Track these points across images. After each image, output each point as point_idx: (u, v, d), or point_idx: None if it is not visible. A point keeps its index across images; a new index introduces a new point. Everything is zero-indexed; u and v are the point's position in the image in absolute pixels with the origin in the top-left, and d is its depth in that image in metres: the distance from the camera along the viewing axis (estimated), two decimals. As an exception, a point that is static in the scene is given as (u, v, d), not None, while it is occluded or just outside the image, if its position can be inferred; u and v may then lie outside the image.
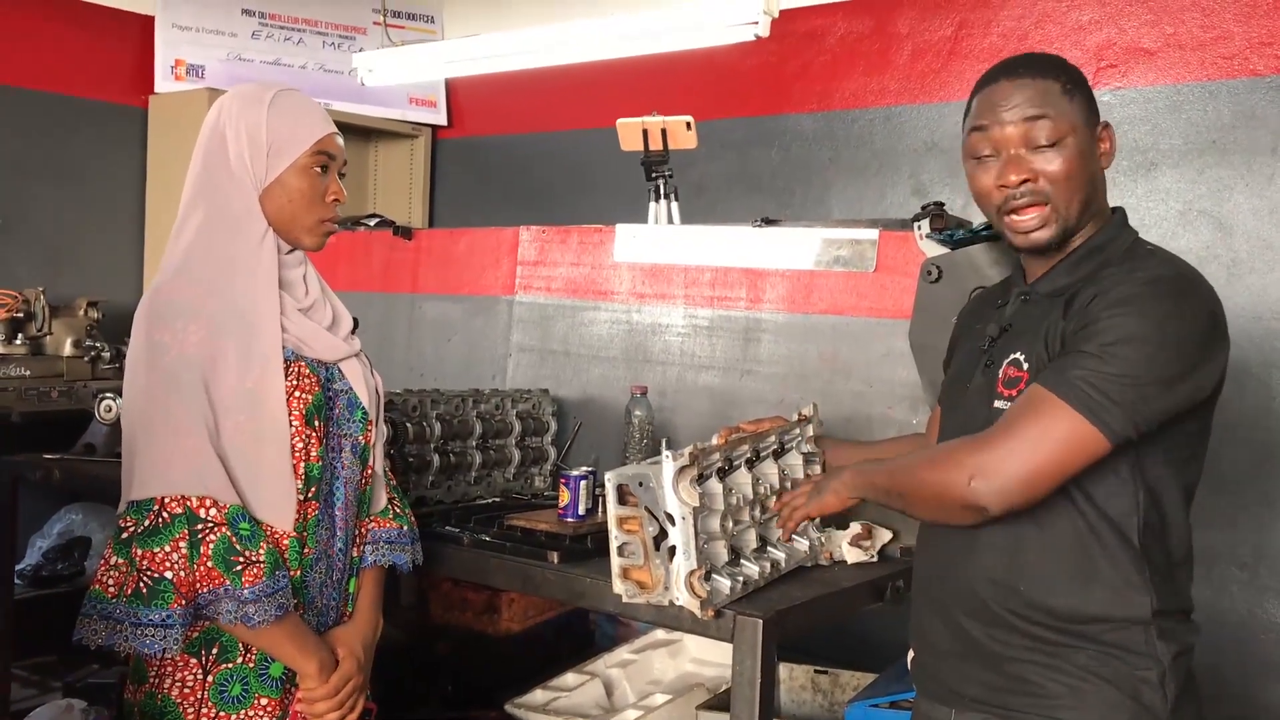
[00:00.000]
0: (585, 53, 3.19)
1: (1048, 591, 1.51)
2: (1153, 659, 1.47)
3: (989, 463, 1.45)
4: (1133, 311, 1.42)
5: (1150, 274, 1.48)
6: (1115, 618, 1.48)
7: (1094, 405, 1.39)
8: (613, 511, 1.83)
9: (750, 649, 1.80)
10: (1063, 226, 1.57)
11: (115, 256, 4.41)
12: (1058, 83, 1.58)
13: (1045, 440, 1.41)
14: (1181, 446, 1.50)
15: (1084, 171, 1.57)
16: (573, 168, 4.45)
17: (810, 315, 2.63)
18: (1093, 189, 1.59)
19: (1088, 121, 1.58)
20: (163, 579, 1.60)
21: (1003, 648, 1.54)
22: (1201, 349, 1.44)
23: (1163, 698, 1.46)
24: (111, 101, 4.38)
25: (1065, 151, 1.56)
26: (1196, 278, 1.51)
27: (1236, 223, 3.09)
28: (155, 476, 1.64)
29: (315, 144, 1.78)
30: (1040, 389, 1.44)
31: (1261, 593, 3.00)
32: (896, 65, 3.71)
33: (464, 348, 3.28)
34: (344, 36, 4.85)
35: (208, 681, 1.69)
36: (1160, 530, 1.50)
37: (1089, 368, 1.41)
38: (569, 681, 2.79)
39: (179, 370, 1.66)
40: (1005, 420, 1.47)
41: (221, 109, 1.79)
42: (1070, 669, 1.49)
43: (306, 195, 1.78)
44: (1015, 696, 1.53)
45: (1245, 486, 3.03)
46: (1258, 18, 3.07)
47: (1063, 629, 1.50)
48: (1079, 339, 1.45)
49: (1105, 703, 1.47)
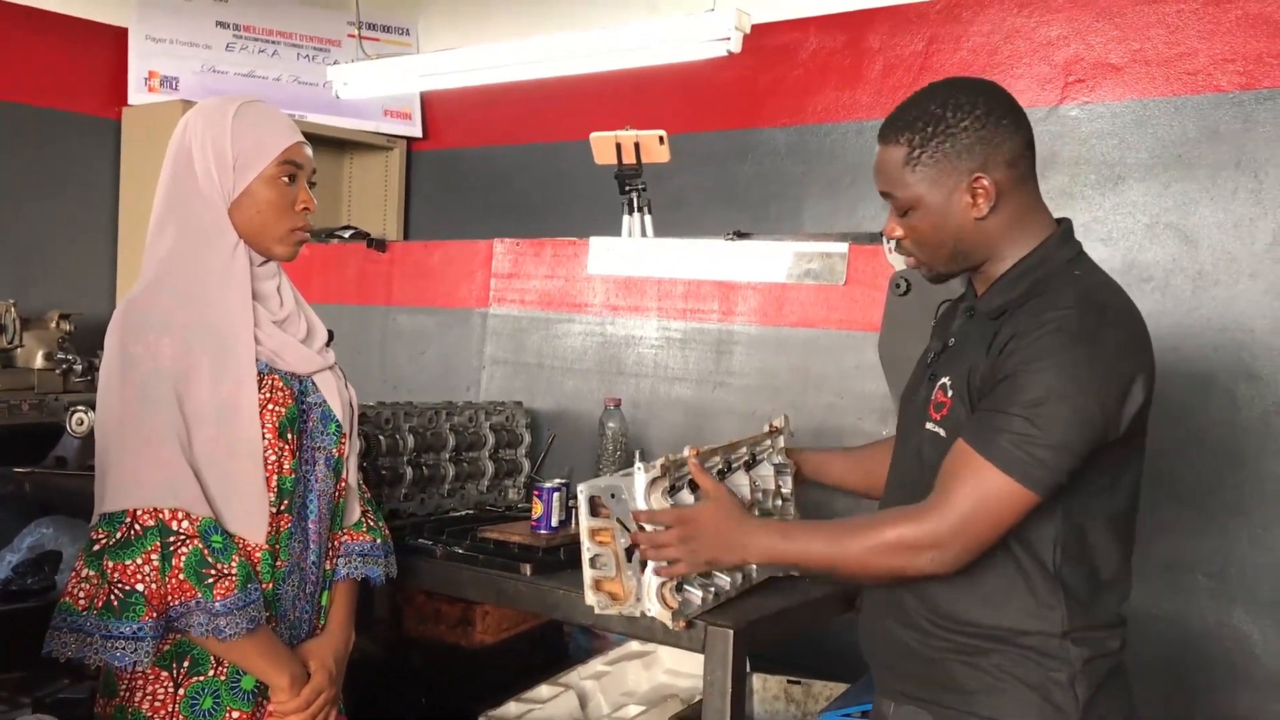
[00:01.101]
0: (559, 67, 3.21)
1: (965, 609, 1.58)
2: (1064, 662, 1.54)
3: (939, 538, 1.51)
4: (1049, 365, 1.46)
5: (1060, 318, 1.49)
6: (1030, 631, 1.54)
7: (1024, 468, 1.46)
8: (585, 523, 1.84)
9: (721, 660, 1.82)
10: (940, 273, 1.66)
11: (88, 269, 4.39)
12: (904, 149, 1.60)
13: (984, 506, 1.48)
14: (1103, 475, 1.54)
15: (940, 232, 1.61)
16: (548, 180, 4.46)
17: (782, 328, 2.65)
18: (967, 239, 1.61)
19: (943, 184, 1.58)
20: (134, 591, 1.60)
21: (929, 650, 1.62)
22: (1118, 387, 1.49)
23: (1073, 698, 1.53)
24: (85, 113, 4.37)
25: (915, 219, 1.62)
26: (1106, 308, 1.54)
27: (1202, 236, 3.13)
28: (127, 488, 1.64)
29: (281, 154, 1.79)
30: (972, 453, 1.49)
31: (1229, 601, 3.04)
32: (868, 80, 3.75)
33: (438, 360, 3.28)
34: (318, 49, 4.85)
35: (179, 695, 1.69)
36: (1080, 555, 1.55)
37: (1015, 430, 1.46)
38: (543, 693, 2.79)
39: (152, 383, 1.66)
40: (943, 488, 1.52)
41: (187, 125, 1.80)
42: (988, 668, 1.56)
43: (276, 205, 1.79)
44: (942, 692, 1.61)
45: (1212, 496, 3.07)
46: (1220, 35, 3.12)
47: (980, 634, 1.57)
48: (1000, 393, 1.49)
49: (1019, 701, 1.54)
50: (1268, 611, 2.99)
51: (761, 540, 1.69)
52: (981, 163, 1.57)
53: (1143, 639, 3.10)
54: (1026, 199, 1.62)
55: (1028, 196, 1.62)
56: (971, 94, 1.60)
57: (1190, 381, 3.11)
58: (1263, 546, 3.00)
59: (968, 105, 1.58)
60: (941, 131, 1.58)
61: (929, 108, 1.59)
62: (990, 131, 1.57)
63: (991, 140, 1.57)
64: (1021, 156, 1.60)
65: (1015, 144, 1.59)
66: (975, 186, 1.58)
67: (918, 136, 1.59)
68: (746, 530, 1.71)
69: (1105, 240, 3.27)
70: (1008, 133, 1.58)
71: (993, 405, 1.50)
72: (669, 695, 2.81)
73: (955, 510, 1.49)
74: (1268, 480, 3.00)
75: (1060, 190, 3.35)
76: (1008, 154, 1.58)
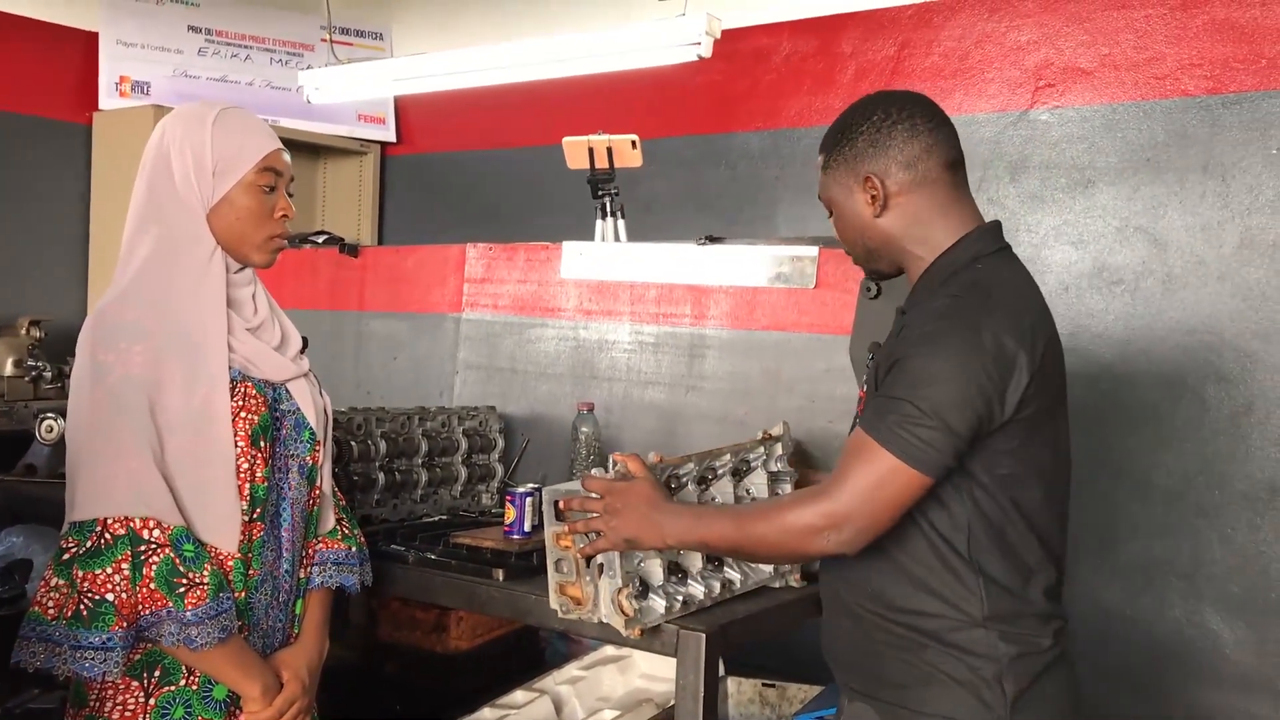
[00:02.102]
0: (533, 71, 3.20)
1: (896, 595, 1.63)
2: (990, 659, 1.57)
3: (835, 519, 1.56)
4: (931, 350, 1.54)
5: (944, 305, 1.59)
6: (950, 617, 1.59)
7: (911, 450, 1.52)
8: (549, 528, 1.85)
9: (694, 664, 1.82)
10: (868, 269, 1.80)
11: (59, 275, 4.35)
12: (822, 155, 1.74)
13: (878, 488, 1.54)
14: (1003, 465, 1.58)
15: (850, 231, 1.74)
16: (522, 185, 4.46)
17: (753, 331, 2.66)
18: (871, 237, 1.71)
19: (845, 185, 1.71)
20: (104, 601, 1.59)
21: (869, 644, 1.67)
22: (999, 370, 1.53)
23: (1000, 694, 1.56)
24: (55, 119, 4.34)
25: (835, 221, 1.76)
26: (990, 295, 1.59)
27: (1171, 239, 3.16)
28: (98, 497, 1.63)
29: (261, 161, 1.78)
30: (864, 436, 1.56)
31: (1199, 601, 3.07)
32: (841, 84, 3.76)
33: (411, 365, 3.27)
34: (291, 53, 4.83)
35: (149, 705, 1.68)
36: (995, 543, 1.59)
37: (902, 413, 1.53)
38: (518, 699, 2.78)
39: (123, 391, 1.65)
40: (839, 470, 1.59)
41: (165, 130, 1.79)
42: (921, 664, 1.61)
43: (255, 213, 1.78)
44: (883, 688, 1.66)
45: (1181, 497, 3.10)
46: (1188, 40, 3.15)
47: (910, 625, 1.61)
48: (892, 378, 1.57)
49: (950, 697, 1.58)
50: (1237, 611, 3.02)
51: (677, 522, 1.72)
52: (873, 165, 1.67)
53: (1113, 639, 3.16)
54: (933, 200, 1.68)
55: (935, 198, 1.68)
56: (876, 103, 1.71)
57: (1160, 383, 3.14)
58: (1232, 547, 3.03)
59: (868, 113, 1.69)
60: (844, 138, 1.70)
61: (844, 118, 1.73)
62: (884, 135, 1.66)
63: (883, 143, 1.66)
64: (920, 160, 1.66)
65: (913, 147, 1.66)
66: (869, 187, 1.68)
67: (830, 143, 1.73)
68: (665, 511, 1.73)
69: (1076, 244, 3.29)
70: (902, 137, 1.66)
71: (884, 391, 1.58)
72: (644, 700, 2.81)
73: (849, 491, 1.55)
74: (1237, 481, 3.02)
75: (1031, 194, 3.37)
76: (901, 157, 1.66)
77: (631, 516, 1.72)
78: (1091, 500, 3.16)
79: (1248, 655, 3.00)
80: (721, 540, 1.69)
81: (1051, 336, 1.63)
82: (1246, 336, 3.02)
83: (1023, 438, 1.57)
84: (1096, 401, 3.21)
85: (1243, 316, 3.03)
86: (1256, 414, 3.00)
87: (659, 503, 1.74)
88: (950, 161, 1.68)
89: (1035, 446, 1.60)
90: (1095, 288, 3.26)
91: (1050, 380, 1.60)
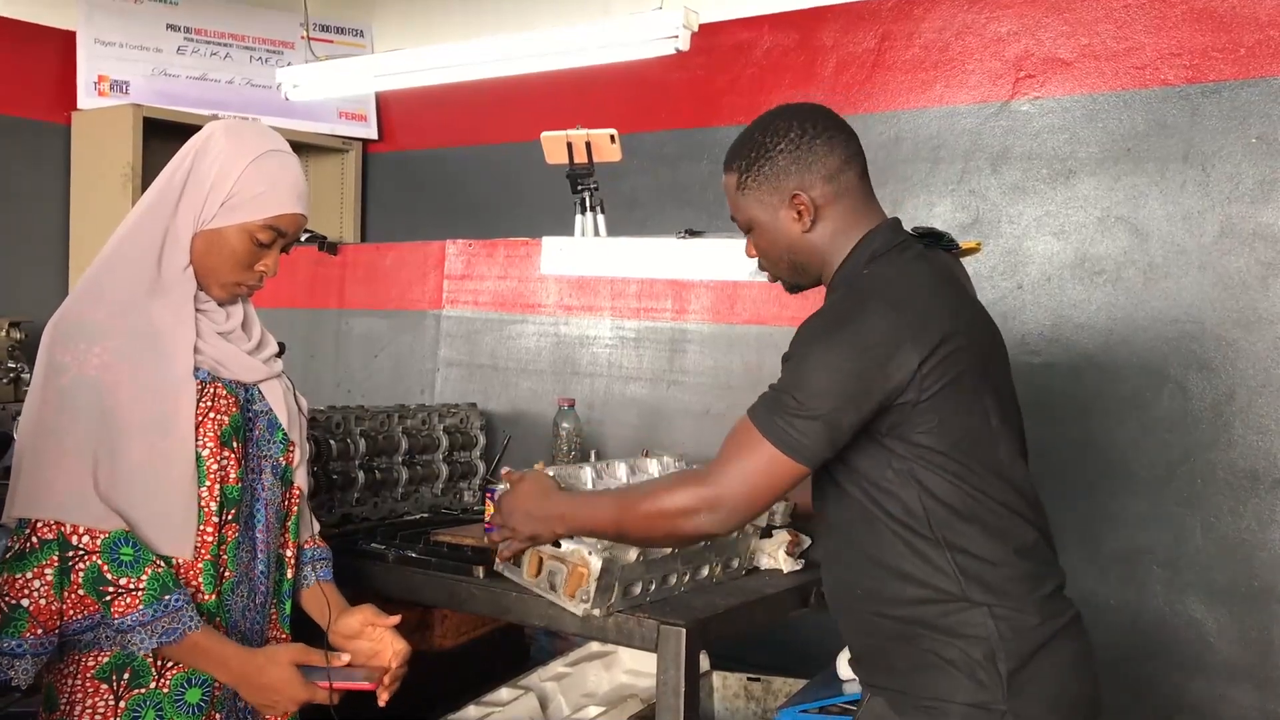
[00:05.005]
0: (512, 66, 3.19)
1: (878, 589, 1.66)
2: (979, 639, 1.59)
3: (710, 501, 1.63)
4: (809, 346, 1.61)
5: (825, 307, 1.66)
6: (933, 600, 1.61)
7: (788, 440, 1.58)
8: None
9: (674, 658, 1.82)
10: (791, 284, 1.82)
11: (38, 276, 4.33)
12: (735, 175, 1.76)
13: (755, 474, 1.60)
14: (931, 442, 1.60)
15: (776, 248, 1.76)
16: (503, 181, 4.45)
17: (735, 325, 2.65)
18: (799, 252, 1.74)
19: (769, 203, 1.73)
20: (18, 606, 1.57)
21: (872, 639, 1.69)
22: (876, 359, 1.57)
23: (995, 674, 1.58)
24: (33, 119, 4.31)
25: (756, 238, 1.79)
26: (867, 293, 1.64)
27: (1151, 228, 3.16)
28: (32, 499, 1.61)
29: (273, 218, 1.74)
30: (747, 423, 1.62)
31: (1182, 590, 3.07)
32: (822, 77, 3.76)
33: (391, 363, 3.26)
34: (271, 51, 4.81)
35: (120, 708, 1.65)
36: (953, 515, 1.61)
37: (780, 404, 1.59)
38: (503, 696, 2.77)
39: (75, 392, 1.63)
40: (720, 455, 1.65)
41: (211, 136, 1.75)
42: (918, 652, 1.62)
43: (236, 257, 1.74)
44: (889, 679, 1.67)
45: (1164, 486, 3.10)
46: (1167, 29, 3.15)
47: (901, 616, 1.63)
48: (781, 373, 1.63)
49: (947, 680, 1.60)
50: (1221, 599, 3.02)
51: (562, 510, 1.80)
52: (799, 181, 1.70)
53: (1097, 628, 3.12)
54: (851, 208, 1.72)
55: (853, 205, 1.73)
56: (788, 118, 1.72)
57: (1141, 373, 3.14)
58: (1214, 534, 3.03)
59: (783, 129, 1.71)
60: (762, 156, 1.72)
61: (753, 135, 1.74)
62: (804, 151, 1.70)
63: (805, 160, 1.70)
64: (840, 171, 1.71)
65: (832, 161, 1.70)
66: (796, 204, 1.71)
67: (744, 163, 1.74)
68: (552, 502, 1.82)
69: (1057, 234, 3.29)
70: (822, 151, 1.70)
71: (772, 384, 1.64)
72: (629, 695, 2.81)
73: (726, 475, 1.62)
74: (1219, 469, 3.03)
75: (1012, 185, 3.37)
76: (823, 171, 1.70)
77: (520, 516, 1.84)
78: (1074, 489, 3.17)
79: (1230, 643, 3.01)
80: (607, 521, 1.75)
81: (958, 316, 1.65)
82: (1228, 325, 3.03)
83: (942, 414, 1.60)
84: (1079, 391, 3.21)
85: (1224, 305, 3.04)
86: (1238, 402, 3.01)
87: (544, 495, 1.83)
88: (863, 169, 1.74)
89: (962, 417, 1.62)
90: (1077, 278, 3.26)
91: (964, 354, 1.61)
